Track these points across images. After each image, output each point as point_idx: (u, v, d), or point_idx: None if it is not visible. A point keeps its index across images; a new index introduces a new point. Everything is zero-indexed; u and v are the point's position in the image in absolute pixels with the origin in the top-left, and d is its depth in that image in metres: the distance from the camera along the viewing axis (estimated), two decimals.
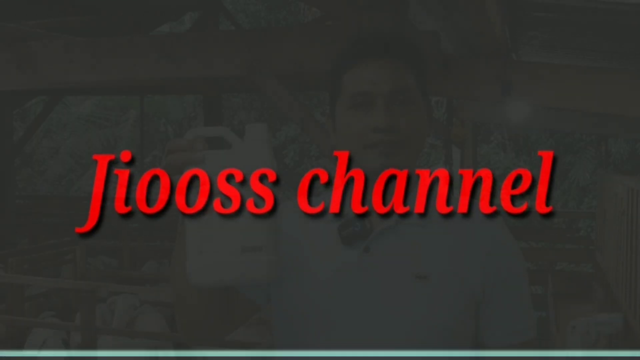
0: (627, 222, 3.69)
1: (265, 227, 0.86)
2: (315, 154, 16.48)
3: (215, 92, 7.22)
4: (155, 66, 3.92)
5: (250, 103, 17.90)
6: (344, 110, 1.02)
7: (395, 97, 0.99)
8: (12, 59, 4.21)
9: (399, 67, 1.00)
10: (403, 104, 0.99)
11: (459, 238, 0.99)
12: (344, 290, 0.98)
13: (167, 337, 3.90)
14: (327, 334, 0.98)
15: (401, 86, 0.99)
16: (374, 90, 0.98)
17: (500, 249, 1.00)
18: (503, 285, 0.99)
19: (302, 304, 1.01)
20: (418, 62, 1.03)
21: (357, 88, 0.99)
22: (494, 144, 15.17)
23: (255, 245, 0.85)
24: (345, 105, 1.01)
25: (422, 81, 1.04)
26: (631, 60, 5.29)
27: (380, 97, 0.98)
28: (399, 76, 0.99)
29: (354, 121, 1.00)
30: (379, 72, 0.99)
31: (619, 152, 12.93)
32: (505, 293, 0.99)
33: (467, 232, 0.99)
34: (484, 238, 1.00)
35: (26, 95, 9.18)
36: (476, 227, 1.00)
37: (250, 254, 0.85)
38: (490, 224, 1.01)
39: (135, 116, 15.31)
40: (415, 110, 1.00)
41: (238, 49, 3.78)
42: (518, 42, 5.28)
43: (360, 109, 0.99)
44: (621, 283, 3.87)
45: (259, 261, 0.85)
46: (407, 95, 0.99)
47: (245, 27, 11.95)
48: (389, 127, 0.97)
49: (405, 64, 1.01)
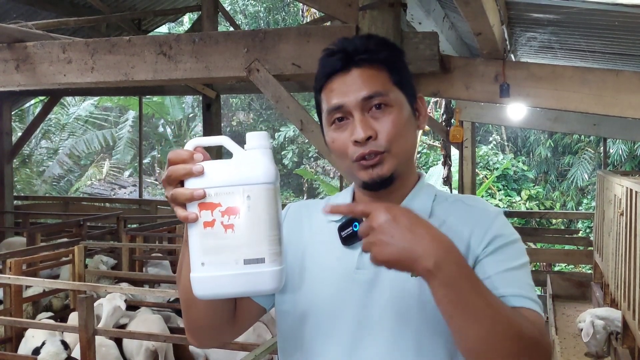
0: (626, 222, 3.69)
1: (267, 238, 0.84)
2: (314, 155, 16.51)
3: (214, 93, 7.22)
4: (154, 67, 3.92)
5: (248, 104, 17.92)
6: (327, 128, 1.03)
7: (369, 103, 0.98)
8: (10, 59, 4.21)
9: (368, 73, 0.99)
10: (380, 107, 0.98)
11: (456, 236, 0.98)
12: (344, 291, 0.98)
13: (165, 338, 3.89)
14: (330, 334, 0.98)
15: (374, 91, 0.98)
16: (346, 102, 0.98)
17: (485, 224, 0.98)
18: (489, 255, 0.95)
19: (305, 307, 1.01)
20: (390, 60, 1.01)
21: (330, 103, 1.00)
22: (493, 145, 15.21)
23: (258, 257, 0.84)
24: (328, 122, 1.02)
25: (402, 76, 1.02)
26: (629, 61, 5.30)
27: (355, 107, 0.98)
28: (369, 82, 0.98)
29: (337, 136, 1.01)
30: (347, 83, 0.99)
31: (617, 152, 12.96)
32: (492, 259, 0.95)
33: (464, 230, 0.99)
34: (475, 227, 0.98)
35: (25, 95, 9.17)
36: (473, 223, 0.99)
37: (252, 266, 0.84)
38: (487, 218, 1.00)
39: (134, 117, 15.32)
40: (396, 112, 0.99)
41: (237, 50, 3.78)
42: (517, 43, 5.28)
43: (339, 124, 1.00)
44: (620, 283, 3.87)
45: (262, 273, 0.84)
46: (384, 98, 0.98)
47: (244, 28, 11.94)
48: (367, 137, 0.96)
49: (377, 67, 0.99)
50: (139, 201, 10.35)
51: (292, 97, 3.72)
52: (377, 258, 0.82)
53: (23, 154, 13.90)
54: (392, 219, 0.82)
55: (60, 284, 5.01)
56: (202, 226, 0.84)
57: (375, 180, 0.99)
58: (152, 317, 4.56)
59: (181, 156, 0.85)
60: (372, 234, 0.82)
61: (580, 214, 11.75)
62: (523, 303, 0.92)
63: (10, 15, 6.37)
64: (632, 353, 3.45)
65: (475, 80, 3.93)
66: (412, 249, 0.81)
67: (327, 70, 1.01)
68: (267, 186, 0.85)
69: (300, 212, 1.12)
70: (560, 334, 4.39)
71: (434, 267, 0.81)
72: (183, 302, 1.00)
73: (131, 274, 5.67)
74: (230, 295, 0.87)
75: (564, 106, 3.77)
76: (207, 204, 0.84)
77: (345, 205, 0.89)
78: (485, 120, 8.01)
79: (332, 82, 1.01)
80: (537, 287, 8.20)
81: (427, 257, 0.81)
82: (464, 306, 0.82)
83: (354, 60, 0.99)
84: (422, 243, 0.81)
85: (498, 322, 0.83)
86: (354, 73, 0.99)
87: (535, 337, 0.86)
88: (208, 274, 0.84)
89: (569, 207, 13.88)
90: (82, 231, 7.05)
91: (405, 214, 0.83)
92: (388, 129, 0.97)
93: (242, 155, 0.86)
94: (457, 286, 0.82)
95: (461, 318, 0.83)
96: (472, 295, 0.82)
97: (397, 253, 0.81)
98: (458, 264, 0.83)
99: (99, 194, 15.57)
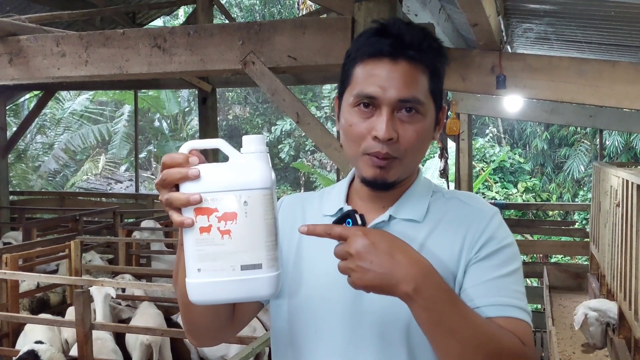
0: (622, 213, 3.70)
1: (265, 244, 0.83)
2: (311, 149, 16.48)
3: (210, 87, 7.19)
4: (148, 60, 3.90)
5: (245, 97, 17.87)
6: (349, 107, 0.98)
7: (403, 105, 0.94)
8: (3, 53, 4.18)
9: (414, 74, 0.94)
10: (411, 112, 0.95)
11: (451, 233, 0.98)
12: (336, 287, 0.97)
13: (163, 332, 3.89)
14: (321, 330, 0.98)
15: (411, 96, 0.94)
16: (381, 96, 0.94)
17: (480, 226, 0.96)
18: (480, 260, 0.94)
19: (297, 302, 1.00)
20: (436, 65, 0.97)
21: (365, 88, 0.95)
22: (489, 137, 15.21)
23: (256, 263, 0.82)
24: (351, 102, 0.97)
25: (438, 84, 0.98)
26: (626, 52, 5.30)
27: (386, 105, 0.94)
28: (411, 84, 0.94)
29: (357, 122, 0.96)
30: (390, 77, 0.94)
31: (613, 144, 12.98)
32: (483, 265, 0.94)
33: (459, 229, 0.97)
34: (470, 227, 0.97)
35: (19, 90, 9.12)
36: (468, 223, 0.98)
37: (250, 272, 0.82)
38: (483, 218, 0.98)
39: (129, 111, 15.26)
40: (423, 122, 0.96)
41: (232, 42, 3.75)
42: (513, 34, 5.27)
43: (364, 110, 0.95)
44: (616, 274, 3.88)
45: (259, 279, 0.83)
46: (416, 106, 0.95)
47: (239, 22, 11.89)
48: (389, 139, 0.93)
49: (423, 69, 0.95)
50: (135, 196, 10.34)
51: (288, 89, 3.70)
52: (356, 284, 0.82)
53: (18, 149, 13.85)
54: (370, 245, 0.81)
55: (57, 278, 5.00)
56: (199, 231, 0.82)
57: (377, 181, 0.97)
58: (151, 312, 4.57)
59: (176, 160, 0.83)
60: (350, 260, 0.82)
61: (577, 205, 11.79)
62: (511, 313, 0.91)
63: (3, 9, 6.32)
64: (628, 343, 3.46)
65: (471, 71, 3.92)
66: (392, 275, 0.81)
67: (372, 50, 0.95)
68: (265, 191, 0.83)
69: (294, 205, 1.10)
70: (557, 325, 4.40)
71: (413, 291, 0.81)
72: (181, 305, 0.99)
73: (128, 269, 5.67)
74: (227, 301, 0.85)
75: (560, 97, 3.77)
76: (203, 209, 0.82)
77: (322, 226, 0.86)
78: (481, 112, 8.01)
79: (374, 65, 0.95)
80: (534, 278, 8.24)
81: (407, 282, 0.81)
82: (445, 327, 0.83)
83: (405, 53, 0.94)
84: (401, 268, 0.81)
85: (478, 340, 0.84)
86: (401, 67, 0.94)
87: (516, 351, 0.87)
88: (204, 280, 0.83)
89: (565, 199, 13.92)
90: (78, 226, 7.04)
91: (383, 238, 0.83)
92: (410, 138, 0.95)
93: (239, 159, 0.84)
94: (437, 309, 0.83)
95: (442, 338, 0.84)
96: (452, 317, 0.83)
97: (376, 279, 0.81)
98: (437, 287, 0.83)
99: (95, 188, 15.53)
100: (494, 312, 0.91)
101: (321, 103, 16.20)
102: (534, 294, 6.28)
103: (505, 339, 0.87)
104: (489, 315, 0.90)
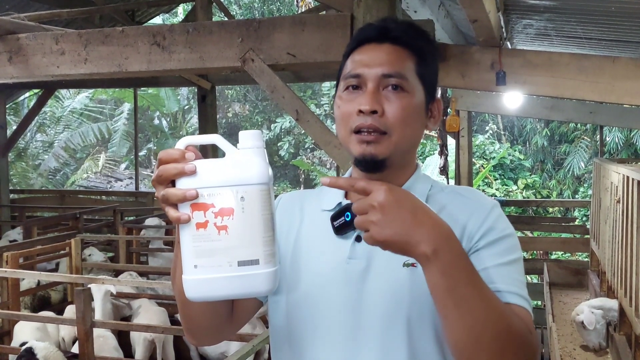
0: (622, 210, 3.69)
1: (262, 240, 0.82)
2: (311, 146, 16.47)
3: (209, 84, 7.18)
4: (148, 58, 3.89)
5: (244, 95, 17.85)
6: (339, 92, 1.00)
7: (387, 81, 0.96)
8: (3, 51, 4.17)
9: (398, 53, 0.97)
10: (396, 89, 0.96)
11: (451, 224, 0.97)
12: (336, 281, 0.97)
13: (164, 330, 3.89)
14: (321, 325, 0.97)
15: (396, 71, 0.96)
16: (365, 73, 0.96)
17: (480, 217, 0.96)
18: (483, 248, 0.94)
19: (296, 297, 1.00)
20: (423, 51, 0.99)
21: (351, 70, 0.98)
22: (489, 134, 15.20)
23: (253, 259, 0.82)
24: (341, 87, 1.00)
25: (427, 72, 1.00)
26: (626, 48, 5.29)
27: (372, 79, 0.96)
28: (395, 61, 0.96)
29: (344, 102, 0.98)
30: (375, 56, 0.97)
31: (613, 140, 12.97)
32: (486, 252, 0.93)
33: (460, 220, 0.97)
34: (471, 218, 0.97)
35: (18, 88, 9.11)
36: (468, 214, 0.97)
37: (247, 268, 0.82)
38: (483, 210, 0.98)
39: (129, 109, 15.25)
40: (409, 99, 0.96)
41: (231, 40, 3.75)
42: (513, 31, 5.26)
43: (352, 91, 0.98)
44: (616, 271, 3.88)
45: (257, 275, 0.82)
46: (402, 81, 0.96)
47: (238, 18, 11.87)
48: (373, 110, 0.94)
49: (407, 50, 0.98)
50: (135, 193, 10.34)
51: (287, 87, 3.69)
52: (375, 237, 0.80)
53: (18, 148, 13.85)
54: (395, 200, 0.80)
55: (58, 276, 5.01)
56: (195, 227, 0.81)
57: (367, 157, 0.96)
58: (154, 309, 4.59)
59: (172, 155, 0.83)
60: (371, 212, 0.80)
61: (577, 202, 11.78)
62: (512, 299, 0.91)
63: (2, 7, 6.30)
64: (629, 340, 3.46)
65: (471, 68, 3.91)
66: (412, 233, 0.80)
67: (360, 37, 1.01)
68: (262, 187, 0.83)
69: (292, 201, 1.10)
70: (558, 321, 4.40)
71: (432, 253, 0.80)
72: (179, 303, 0.98)
73: (128, 266, 5.67)
74: (224, 297, 0.85)
75: (560, 93, 3.76)
76: (199, 204, 0.81)
77: (345, 178, 0.86)
78: (481, 109, 8.00)
79: (361, 50, 0.99)
80: (534, 275, 8.23)
81: (427, 242, 0.80)
82: (458, 295, 0.81)
83: (389, 36, 0.98)
84: (423, 228, 0.80)
85: (489, 314, 0.82)
86: (385, 47, 0.98)
87: (523, 334, 0.86)
88: (201, 276, 0.82)
89: (565, 196, 13.90)
90: (78, 224, 7.04)
91: (408, 197, 0.82)
92: (395, 111, 0.95)
93: (236, 154, 0.84)
94: (453, 275, 0.81)
95: (453, 307, 0.81)
96: (466, 286, 0.81)
97: (396, 235, 0.79)
98: (456, 253, 0.82)
99: (95, 186, 15.53)
100: (503, 297, 0.90)
101: (320, 100, 16.19)
102: (534, 291, 6.27)
103: (515, 321, 0.86)
104: None
